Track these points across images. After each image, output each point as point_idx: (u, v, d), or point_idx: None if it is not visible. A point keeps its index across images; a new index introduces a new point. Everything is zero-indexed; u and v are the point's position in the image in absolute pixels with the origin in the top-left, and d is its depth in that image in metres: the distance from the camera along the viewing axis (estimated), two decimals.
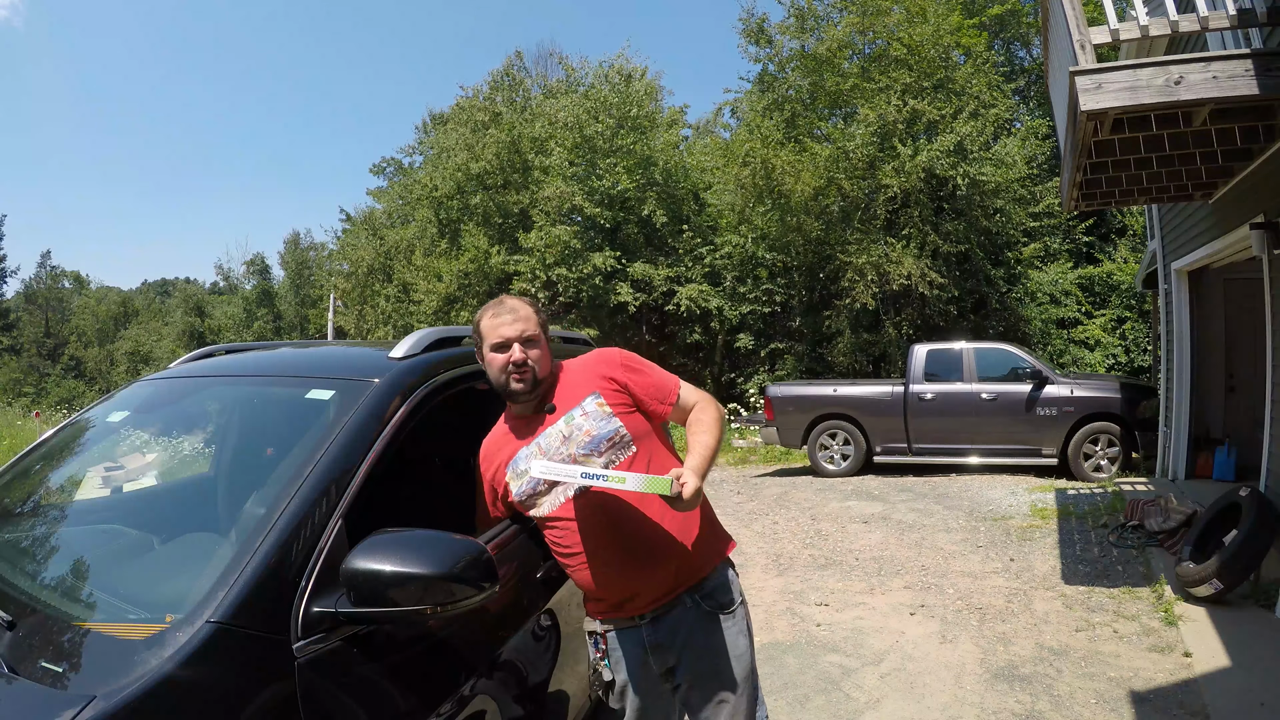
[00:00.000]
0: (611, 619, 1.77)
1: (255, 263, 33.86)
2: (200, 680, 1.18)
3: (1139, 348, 13.46)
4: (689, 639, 1.72)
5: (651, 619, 1.72)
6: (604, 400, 1.74)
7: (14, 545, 1.79)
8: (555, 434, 1.73)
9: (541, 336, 1.77)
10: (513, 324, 1.74)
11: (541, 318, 1.81)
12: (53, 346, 41.72)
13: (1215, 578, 3.98)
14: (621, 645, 1.77)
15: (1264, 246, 4.55)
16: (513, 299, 1.81)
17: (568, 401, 1.76)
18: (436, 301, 16.70)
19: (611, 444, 1.70)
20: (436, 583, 1.36)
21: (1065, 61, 3.64)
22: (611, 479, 1.50)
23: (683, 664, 1.73)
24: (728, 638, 1.74)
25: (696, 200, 16.81)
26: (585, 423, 1.71)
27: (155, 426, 2.37)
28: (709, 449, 1.71)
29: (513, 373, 1.72)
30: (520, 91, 20.12)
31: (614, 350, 1.88)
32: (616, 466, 1.68)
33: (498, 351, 1.74)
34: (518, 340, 1.72)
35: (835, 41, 12.96)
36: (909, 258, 12.44)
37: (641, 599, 1.71)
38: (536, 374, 1.73)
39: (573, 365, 1.85)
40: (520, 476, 1.75)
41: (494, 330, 1.74)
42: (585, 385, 1.77)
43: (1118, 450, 7.98)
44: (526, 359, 1.72)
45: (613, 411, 1.73)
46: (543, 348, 1.76)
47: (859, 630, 4.11)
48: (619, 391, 1.77)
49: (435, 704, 1.57)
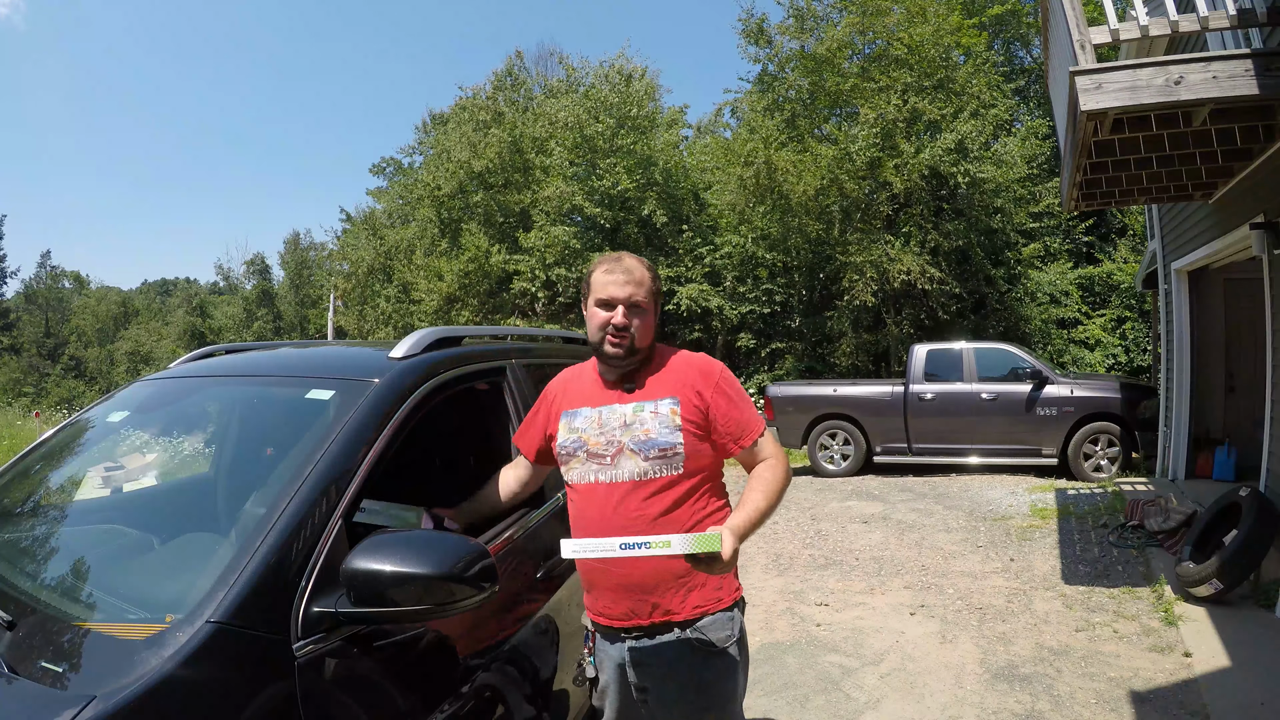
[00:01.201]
0: (599, 625, 1.72)
1: (255, 263, 33.85)
2: (200, 680, 1.18)
3: (1139, 348, 13.47)
4: (671, 669, 1.64)
5: (637, 635, 1.66)
6: (679, 410, 1.64)
7: (14, 545, 1.79)
8: (619, 415, 1.66)
9: (651, 306, 1.69)
10: (624, 285, 1.65)
11: (656, 286, 1.72)
12: (53, 346, 41.72)
13: (1215, 578, 3.98)
14: (606, 650, 1.72)
15: (1264, 246, 4.55)
16: (632, 258, 1.71)
17: (649, 391, 1.68)
18: (437, 301, 16.71)
19: (661, 455, 1.62)
20: (436, 583, 1.36)
21: (1065, 61, 3.64)
22: (655, 545, 1.37)
23: (656, 691, 1.65)
24: (711, 677, 1.64)
25: (696, 200, 16.81)
26: (651, 422, 1.63)
27: (155, 426, 2.37)
28: (759, 512, 1.57)
29: (610, 334, 1.65)
30: (522, 91, 20.13)
31: (718, 366, 1.75)
32: (656, 481, 1.61)
33: (601, 308, 1.67)
34: (624, 303, 1.65)
35: (835, 42, 12.96)
36: (909, 255, 12.44)
37: (627, 616, 1.65)
38: (635, 343, 1.65)
39: (673, 358, 1.75)
40: (573, 432, 1.70)
41: (603, 286, 1.67)
42: (672, 385, 1.68)
43: (1118, 450, 7.98)
44: (629, 325, 1.64)
45: (681, 425, 1.63)
46: (649, 318, 1.68)
47: (859, 630, 4.11)
48: (699, 409, 1.66)
49: (435, 704, 1.57)
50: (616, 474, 1.63)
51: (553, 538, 2.22)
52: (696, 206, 16.74)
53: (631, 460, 1.62)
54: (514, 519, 2.12)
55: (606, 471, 1.64)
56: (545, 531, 2.19)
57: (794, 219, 13.46)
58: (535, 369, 2.63)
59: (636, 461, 1.62)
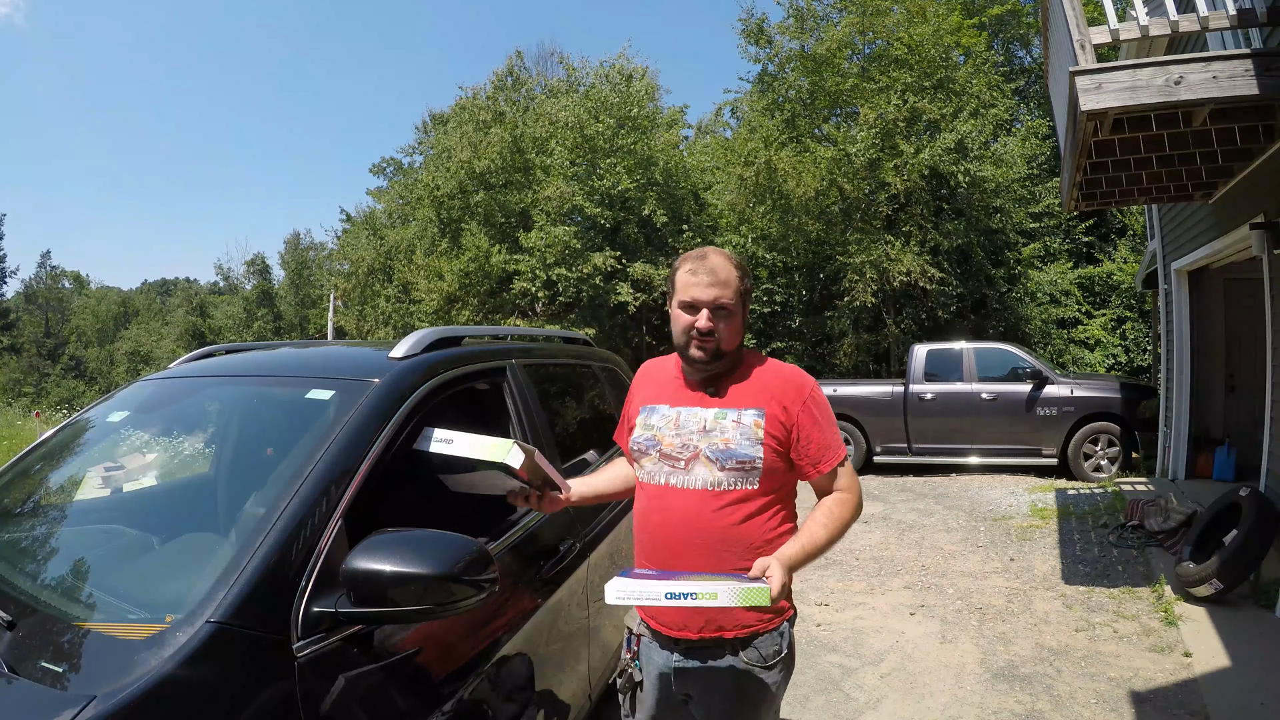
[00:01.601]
0: (652, 629, 1.65)
1: (255, 263, 33.84)
2: (200, 680, 1.18)
3: (1139, 348, 13.47)
4: (716, 680, 1.59)
5: (686, 647, 1.60)
6: (764, 424, 1.57)
7: (14, 545, 1.79)
8: (698, 419, 1.60)
9: (739, 307, 1.60)
10: (709, 286, 1.57)
11: (744, 284, 1.62)
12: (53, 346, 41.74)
13: (1215, 578, 3.98)
14: (651, 656, 1.67)
15: (1264, 246, 4.55)
16: (718, 256, 1.61)
17: (733, 399, 1.61)
18: (437, 301, 16.69)
19: (739, 468, 1.55)
20: (436, 583, 1.36)
21: (1065, 61, 3.64)
22: (702, 596, 1.30)
23: (700, 701, 1.62)
24: (754, 690, 1.59)
25: (696, 200, 16.80)
26: (733, 431, 1.56)
27: (155, 426, 2.37)
28: (816, 546, 1.50)
29: (695, 339, 1.57)
30: (522, 91, 20.12)
31: (810, 381, 1.66)
32: (733, 496, 1.55)
33: (685, 311, 1.59)
34: (709, 305, 1.57)
35: (835, 41, 12.96)
36: (909, 255, 12.45)
37: (680, 626, 1.60)
38: (721, 347, 1.58)
39: (764, 366, 1.67)
40: (648, 429, 1.65)
41: (686, 287, 1.58)
42: (759, 395, 1.60)
43: (1118, 450, 7.98)
44: (714, 329, 1.56)
45: (763, 440, 1.55)
46: (736, 320, 1.60)
47: (859, 630, 4.11)
48: (783, 425, 1.58)
49: (435, 704, 1.57)
50: (689, 480, 1.57)
51: (553, 538, 2.22)
52: (696, 206, 16.73)
53: (706, 468, 1.56)
54: (514, 519, 2.12)
55: (679, 476, 1.58)
56: (545, 532, 2.19)
57: (794, 219, 13.46)
58: (535, 369, 2.63)
59: (711, 470, 1.55)
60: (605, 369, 3.64)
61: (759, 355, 1.71)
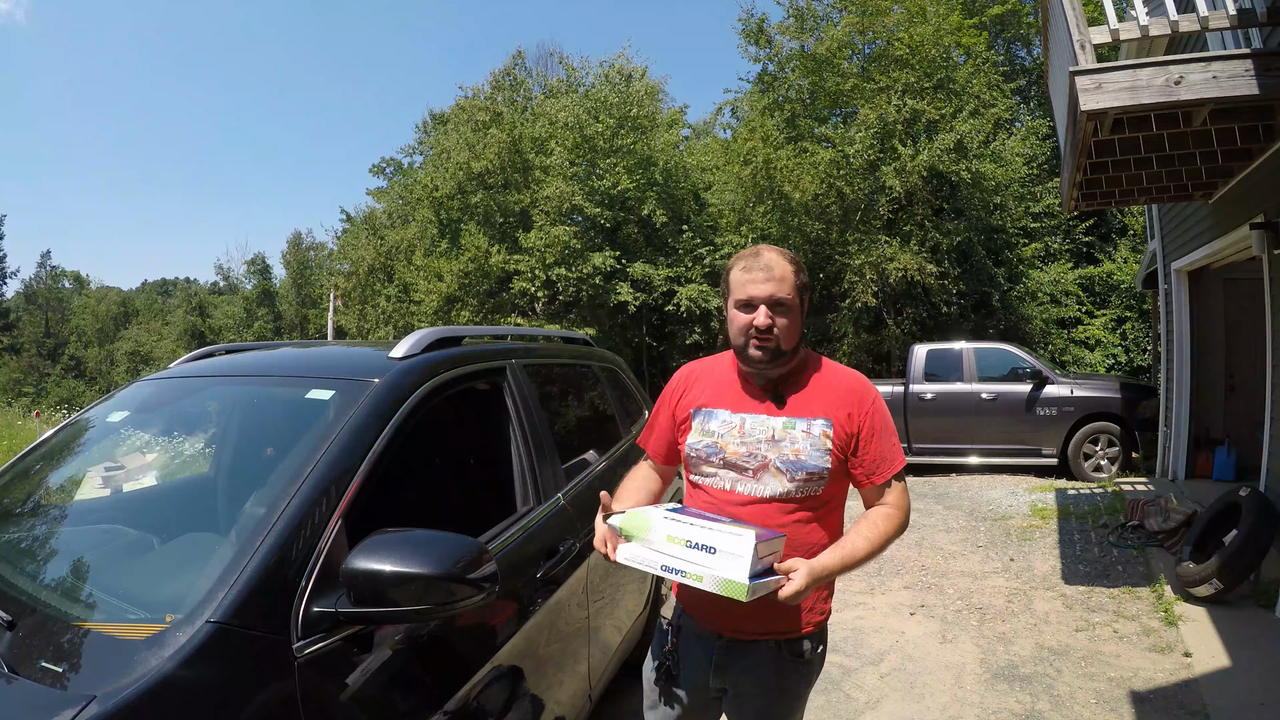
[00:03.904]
0: (691, 618, 1.65)
1: (256, 263, 33.84)
2: (200, 680, 1.18)
3: (1139, 348, 13.47)
4: (754, 675, 1.60)
5: (727, 645, 1.61)
6: (832, 433, 1.55)
7: (14, 545, 1.79)
8: (765, 428, 1.56)
9: (797, 303, 1.56)
10: (764, 282, 1.53)
11: (801, 279, 1.57)
12: (53, 346, 41.73)
13: (1215, 578, 3.98)
14: (690, 649, 1.66)
15: (1264, 246, 4.55)
16: (772, 252, 1.57)
17: (801, 408, 1.58)
18: (437, 301, 16.69)
19: (809, 478, 1.53)
20: (436, 583, 1.36)
21: (1065, 61, 3.64)
22: (689, 577, 1.35)
23: (737, 694, 1.62)
24: (790, 683, 1.61)
25: (696, 200, 16.80)
26: (803, 442, 1.54)
27: (155, 426, 2.37)
28: (854, 559, 1.49)
29: (754, 338, 1.53)
30: (522, 91, 20.12)
31: (874, 390, 1.63)
32: (799, 504, 1.55)
33: (741, 310, 1.55)
34: (765, 302, 1.52)
35: (835, 41, 12.95)
36: (909, 255, 12.45)
37: (726, 621, 1.59)
38: (781, 345, 1.54)
39: (826, 371, 1.64)
40: (706, 435, 1.60)
41: (742, 285, 1.55)
42: (826, 404, 1.58)
43: (1118, 450, 7.98)
44: (772, 325, 1.52)
45: (831, 449, 1.54)
46: (794, 315, 1.55)
47: (859, 630, 4.11)
48: (848, 434, 1.56)
49: (435, 704, 1.57)
50: (758, 489, 1.55)
51: (553, 538, 2.22)
52: (696, 206, 16.74)
53: (776, 479, 1.54)
54: (514, 519, 2.12)
55: (747, 484, 1.56)
56: (545, 532, 2.19)
57: (794, 219, 13.46)
58: (535, 369, 2.63)
59: (781, 481, 1.53)
60: (605, 369, 3.64)
61: (816, 356, 1.68)
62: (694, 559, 1.37)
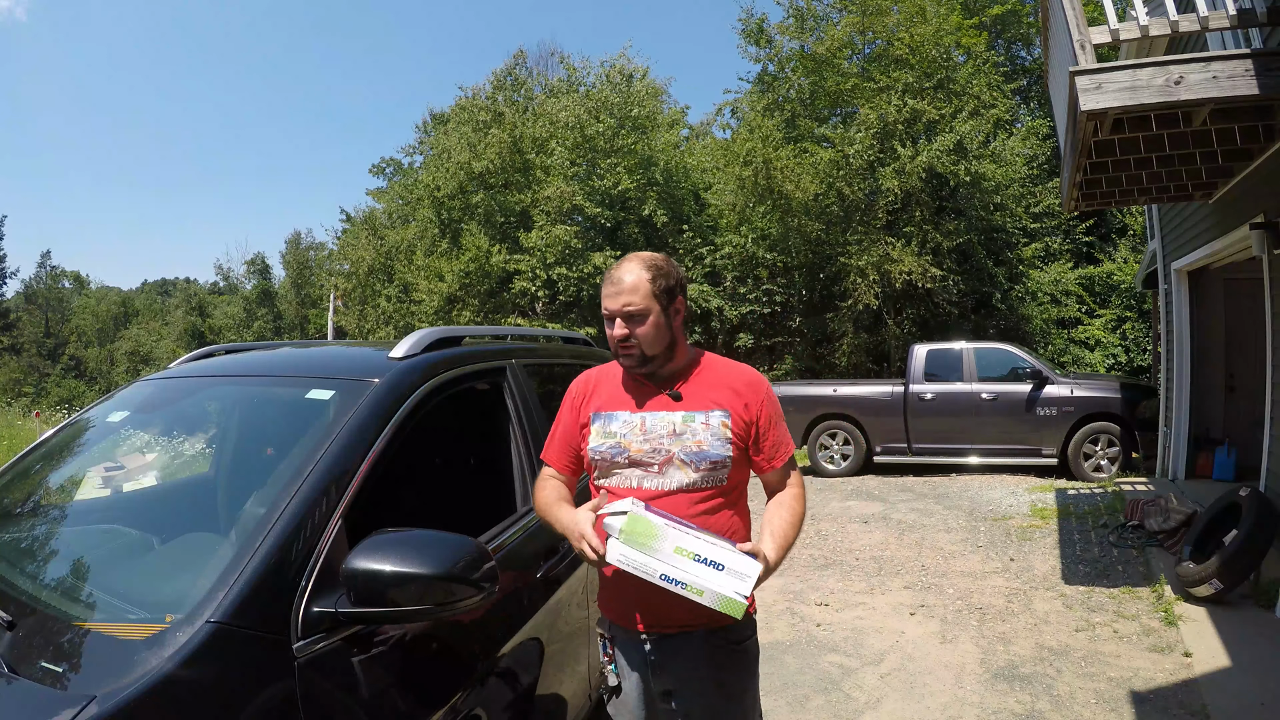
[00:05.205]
0: (618, 625, 1.68)
1: (255, 263, 33.82)
2: (200, 680, 1.18)
3: (1139, 348, 13.47)
4: (693, 669, 1.62)
5: (657, 639, 1.63)
6: (730, 423, 1.62)
7: (14, 545, 1.79)
8: (666, 423, 1.62)
9: (653, 308, 1.61)
10: (614, 296, 1.61)
11: (660, 284, 1.62)
12: (53, 346, 41.73)
13: (1215, 578, 3.98)
14: (625, 656, 1.68)
15: (1264, 246, 4.55)
16: (627, 264, 1.64)
17: (697, 401, 1.64)
18: (437, 301, 16.69)
19: (713, 467, 1.60)
20: (436, 583, 1.37)
21: (1065, 61, 3.64)
22: (689, 590, 1.40)
23: (681, 693, 1.63)
24: (729, 674, 1.65)
25: (696, 200, 16.80)
26: (704, 433, 1.61)
27: (155, 426, 2.37)
28: (789, 541, 1.60)
29: (618, 347, 1.63)
30: (522, 91, 20.13)
31: (765, 381, 1.73)
32: (706, 495, 1.61)
33: (607, 323, 1.64)
34: (619, 314, 1.61)
35: (835, 41, 12.97)
36: (909, 255, 12.45)
37: (648, 616, 1.62)
38: (644, 352, 1.61)
39: (716, 366, 1.72)
40: (609, 436, 1.65)
41: (603, 301, 1.64)
42: (721, 396, 1.65)
43: (1118, 450, 7.98)
44: (630, 334, 1.60)
45: (731, 439, 1.62)
46: (652, 322, 1.61)
47: (859, 630, 4.11)
48: (746, 423, 1.64)
49: (435, 704, 1.57)
50: (664, 483, 1.60)
51: (553, 538, 2.22)
52: (696, 206, 16.74)
53: (681, 471, 1.60)
54: (514, 519, 2.12)
55: (653, 479, 1.61)
56: (545, 531, 2.19)
57: (794, 219, 13.47)
58: (535, 369, 2.63)
59: (687, 473, 1.59)
60: None
61: (709, 354, 1.76)
62: (698, 573, 1.42)
